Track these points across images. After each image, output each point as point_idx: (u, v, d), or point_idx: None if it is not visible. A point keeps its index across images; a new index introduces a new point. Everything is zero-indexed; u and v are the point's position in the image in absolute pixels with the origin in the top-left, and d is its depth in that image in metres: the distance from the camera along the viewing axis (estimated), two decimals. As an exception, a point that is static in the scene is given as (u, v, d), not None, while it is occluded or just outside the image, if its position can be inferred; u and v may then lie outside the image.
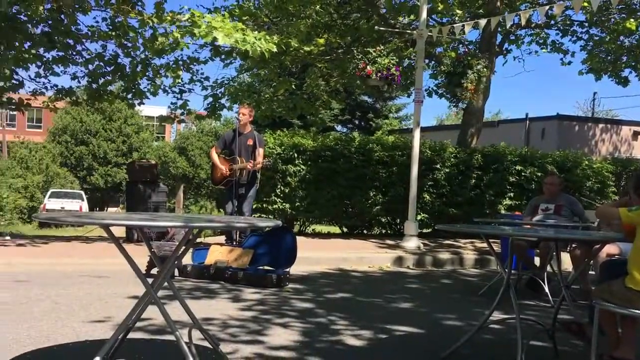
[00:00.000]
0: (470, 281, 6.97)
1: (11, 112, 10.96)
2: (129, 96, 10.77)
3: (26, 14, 8.92)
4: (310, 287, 5.81)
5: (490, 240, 3.87)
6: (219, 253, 6.20)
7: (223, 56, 10.72)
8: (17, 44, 9.11)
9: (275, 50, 8.12)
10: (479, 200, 10.78)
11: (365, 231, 11.33)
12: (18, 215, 22.91)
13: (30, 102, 10.56)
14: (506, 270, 3.55)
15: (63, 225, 20.98)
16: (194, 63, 10.51)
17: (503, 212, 10.52)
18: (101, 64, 10.18)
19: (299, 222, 11.15)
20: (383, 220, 11.08)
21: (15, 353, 3.18)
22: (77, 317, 4.09)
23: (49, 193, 28.25)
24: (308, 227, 11.42)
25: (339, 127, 31.96)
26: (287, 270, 5.97)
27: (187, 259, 6.25)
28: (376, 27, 11.00)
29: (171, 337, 3.47)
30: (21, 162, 32.98)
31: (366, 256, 7.94)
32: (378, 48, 9.74)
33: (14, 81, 10.20)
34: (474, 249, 9.12)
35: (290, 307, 4.80)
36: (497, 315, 3.95)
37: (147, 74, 10.25)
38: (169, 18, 8.48)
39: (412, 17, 11.74)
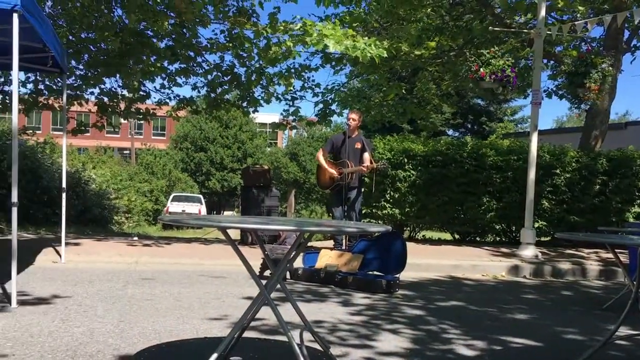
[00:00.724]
0: (594, 293, 6.52)
1: (139, 122, 11.81)
2: (244, 104, 11.24)
3: (152, 30, 9.59)
4: (421, 294, 5.71)
5: (617, 250, 3.60)
6: (328, 257, 6.28)
7: (333, 63, 10.87)
8: (144, 57, 9.82)
9: (385, 55, 8.10)
10: (603, 207, 10.09)
11: (477, 238, 10.98)
12: (144, 217, 24.55)
13: (155, 112, 11.36)
14: (634, 282, 3.28)
15: (184, 227, 22.24)
16: (306, 70, 10.75)
17: (631, 220, 9.77)
18: (219, 74, 10.71)
19: (408, 228, 11.03)
20: (497, 227, 10.66)
21: (141, 346, 3.41)
22: (196, 315, 4.30)
23: (171, 197, 30.04)
24: (418, 233, 11.26)
25: (450, 132, 31.29)
26: (397, 276, 5.92)
27: (298, 262, 6.38)
28: (490, 27, 10.64)
29: (283, 338, 3.56)
30: (147, 168, 35.36)
31: (479, 264, 7.68)
32: (492, 49, 9.42)
33: (141, 93, 11.03)
34: (599, 259, 8.53)
35: (400, 313, 4.75)
36: (623, 331, 3.66)
37: (261, 82, 10.64)
38: (282, 28, 8.73)
39: (529, 15, 11.24)
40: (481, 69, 9.09)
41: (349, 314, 4.60)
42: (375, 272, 6.04)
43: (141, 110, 11.28)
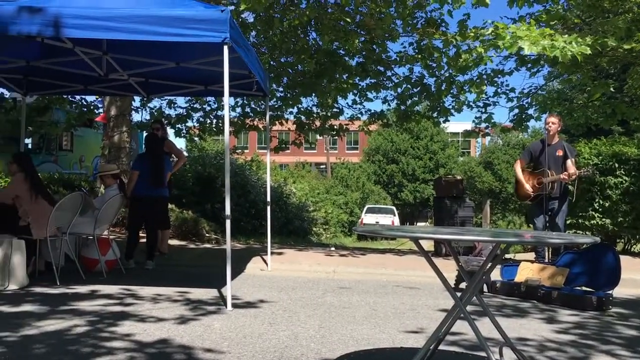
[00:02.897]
0: None
1: (333, 137, 12.38)
2: (435, 114, 11.15)
3: (344, 49, 10.00)
4: (639, 313, 5.11)
5: None
6: (529, 270, 5.92)
7: (529, 65, 10.29)
8: (337, 76, 10.27)
9: (588, 52, 7.45)
10: None
11: None
12: (340, 228, 25.52)
13: (348, 127, 11.81)
14: None
15: (378, 238, 22.67)
16: (498, 75, 10.34)
17: None
18: (408, 86, 10.77)
19: (622, 240, 9.96)
20: None
21: (340, 352, 3.54)
22: (392, 325, 4.35)
23: (365, 208, 30.82)
24: (634, 246, 10.10)
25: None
26: (610, 292, 5.37)
27: (496, 275, 6.13)
28: None
29: (481, 354, 3.45)
30: (342, 181, 36.77)
31: None
32: None
33: (335, 109, 11.55)
34: None
35: (614, 333, 4.30)
36: None
37: (451, 91, 10.47)
38: (472, 34, 8.52)
39: None
40: None
41: (555, 332, 4.29)
42: (583, 288, 5.56)
43: (335, 126, 11.81)
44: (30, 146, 13.48)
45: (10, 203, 5.77)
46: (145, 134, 9.54)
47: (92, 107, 11.91)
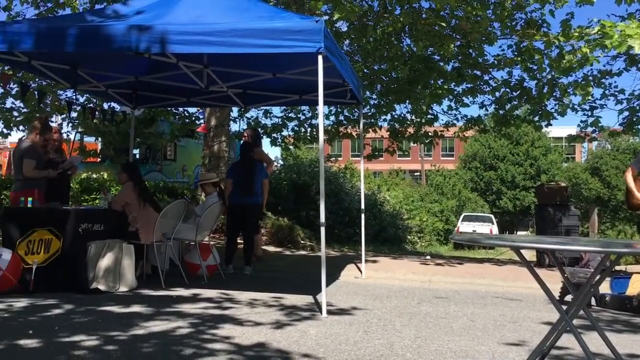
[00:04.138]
0: None
1: (427, 144, 12.23)
2: (536, 118, 10.70)
3: (439, 54, 9.84)
4: None
5: None
6: (643, 284, 5.52)
7: (640, 65, 9.64)
8: (431, 82, 10.13)
9: None
10: None
11: None
12: (435, 237, 25.07)
13: (443, 134, 11.59)
14: None
15: (475, 247, 22.04)
16: (606, 76, 9.77)
17: None
18: (507, 90, 10.42)
19: None
20: None
21: (437, 363, 3.47)
22: (492, 337, 4.20)
23: (461, 216, 30.09)
24: None
25: None
26: None
27: (605, 288, 5.76)
28: None
29: (590, 371, 3.24)
30: (437, 189, 36.12)
31: None
32: None
33: (429, 116, 11.38)
34: None
35: None
36: None
37: (554, 94, 10.01)
38: (576, 34, 8.12)
39: None
40: None
41: (673, 351, 3.96)
42: None
43: (429, 133, 11.63)
44: (137, 156, 14.34)
45: (120, 210, 6.16)
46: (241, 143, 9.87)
47: (193, 118, 12.49)
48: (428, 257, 10.33)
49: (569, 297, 5.17)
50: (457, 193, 36.02)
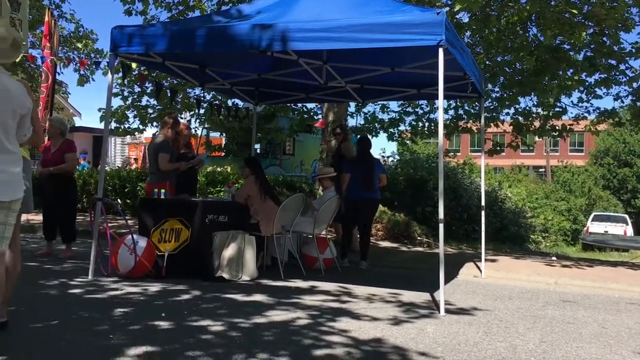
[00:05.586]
0: None
1: (554, 139, 11.53)
2: (680, 111, 9.74)
3: (569, 43, 9.24)
4: None
5: None
6: None
7: None
8: (560, 72, 9.54)
9: None
10: None
11: None
12: (562, 236, 23.66)
13: (572, 127, 10.87)
14: None
15: (606, 249, 20.53)
16: None
17: None
18: (647, 80, 9.57)
19: None
20: None
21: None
22: (626, 346, 3.89)
23: (591, 216, 28.18)
24: None
25: None
26: None
27: None
28: None
29: None
30: (564, 186, 34.12)
31: None
32: None
33: (557, 109, 10.72)
34: None
35: None
36: None
37: None
38: None
39: None
40: None
41: None
42: None
43: (557, 127, 10.96)
44: (259, 151, 14.88)
45: (243, 202, 6.42)
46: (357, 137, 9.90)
47: (312, 114, 12.72)
48: (554, 257, 9.77)
49: None
50: (587, 191, 33.79)
